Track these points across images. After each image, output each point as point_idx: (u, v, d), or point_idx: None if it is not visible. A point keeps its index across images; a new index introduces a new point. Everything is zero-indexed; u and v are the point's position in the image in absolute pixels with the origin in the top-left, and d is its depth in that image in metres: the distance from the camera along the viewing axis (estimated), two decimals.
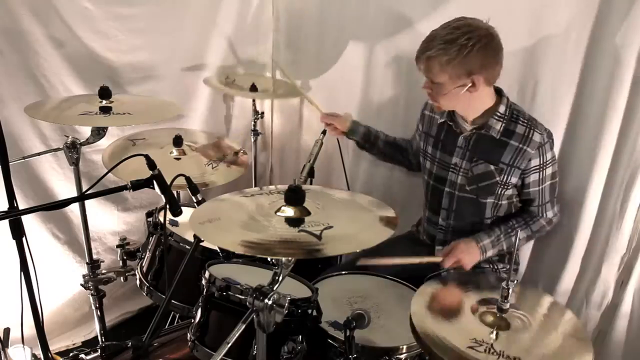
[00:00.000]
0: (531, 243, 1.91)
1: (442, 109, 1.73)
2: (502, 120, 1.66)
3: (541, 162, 1.66)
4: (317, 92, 2.63)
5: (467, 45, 1.52)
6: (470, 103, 1.65)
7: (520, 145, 1.64)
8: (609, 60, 1.63)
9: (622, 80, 1.59)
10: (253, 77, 2.70)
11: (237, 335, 1.06)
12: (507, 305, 1.23)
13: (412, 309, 1.25)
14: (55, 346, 2.27)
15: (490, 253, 1.71)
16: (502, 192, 1.71)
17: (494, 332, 1.20)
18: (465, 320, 1.24)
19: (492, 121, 1.66)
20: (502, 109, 1.66)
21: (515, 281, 1.23)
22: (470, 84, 1.57)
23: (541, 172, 1.67)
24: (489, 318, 1.24)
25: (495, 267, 1.82)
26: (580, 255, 1.79)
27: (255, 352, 1.17)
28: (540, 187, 1.69)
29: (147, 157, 1.36)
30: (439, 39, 1.54)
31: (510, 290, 1.21)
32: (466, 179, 1.73)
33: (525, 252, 1.95)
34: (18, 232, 1.25)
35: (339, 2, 2.38)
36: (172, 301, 1.62)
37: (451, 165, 1.76)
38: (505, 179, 1.68)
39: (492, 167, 1.68)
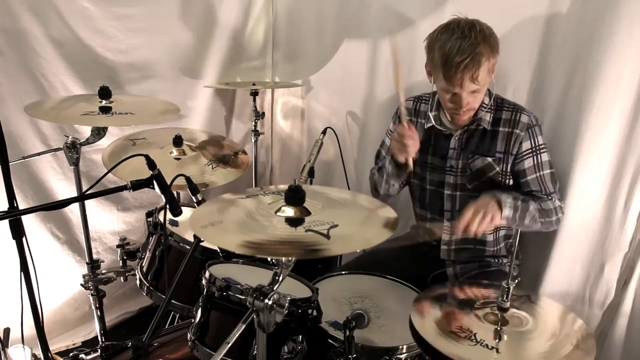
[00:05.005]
0: (534, 240, 1.90)
1: (467, 116, 1.64)
2: (489, 110, 1.66)
3: (533, 145, 1.64)
4: (318, 91, 2.64)
5: (491, 31, 1.52)
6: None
7: (509, 130, 1.64)
8: (612, 60, 1.62)
9: (627, 79, 1.59)
10: (253, 77, 2.71)
11: (237, 335, 1.06)
12: (508, 304, 1.23)
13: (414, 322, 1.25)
14: (55, 346, 2.27)
15: (508, 209, 1.55)
16: (504, 181, 1.69)
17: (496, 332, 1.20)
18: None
19: (480, 113, 1.66)
20: (487, 100, 1.67)
21: (517, 280, 1.23)
22: (492, 69, 1.56)
23: (535, 157, 1.64)
24: (490, 318, 1.24)
25: (501, 261, 1.82)
26: (582, 254, 1.78)
27: (255, 352, 1.17)
28: (539, 174, 1.65)
29: (147, 157, 1.36)
30: (467, 35, 1.47)
31: (511, 289, 1.21)
32: (466, 177, 1.72)
33: (528, 251, 1.94)
34: (18, 232, 1.25)
35: (338, 2, 2.38)
36: (172, 301, 1.62)
37: (447, 167, 1.75)
38: (504, 167, 1.67)
39: (489, 159, 1.67)
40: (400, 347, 1.40)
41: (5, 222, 1.22)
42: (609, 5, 1.60)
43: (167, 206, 1.38)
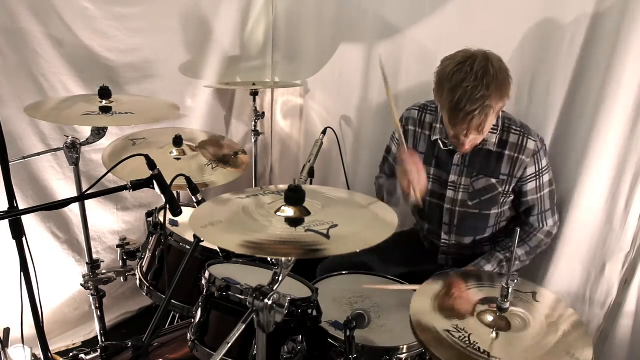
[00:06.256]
0: None
1: (469, 148, 1.63)
2: (495, 132, 1.65)
3: (537, 170, 1.65)
4: (315, 91, 2.64)
5: (505, 75, 1.47)
6: None
7: (515, 155, 1.64)
8: (614, 63, 1.62)
9: (628, 81, 1.59)
10: (253, 77, 2.71)
11: (237, 335, 1.06)
12: (507, 305, 1.23)
13: (414, 307, 1.25)
14: (55, 346, 2.27)
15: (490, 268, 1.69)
16: (505, 200, 1.71)
17: (494, 333, 1.20)
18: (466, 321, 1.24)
19: (487, 135, 1.63)
20: (493, 121, 1.63)
21: (516, 281, 1.23)
22: (500, 110, 1.54)
23: (538, 180, 1.67)
24: (489, 318, 1.24)
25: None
26: (584, 253, 1.78)
27: (255, 352, 1.17)
28: (539, 195, 1.68)
29: (147, 157, 1.36)
30: (479, 84, 1.42)
31: (511, 290, 1.21)
32: (468, 194, 1.72)
33: None
34: (18, 232, 1.24)
35: (337, 4, 2.38)
36: (172, 301, 1.62)
37: (449, 182, 1.74)
38: (506, 188, 1.68)
39: (493, 180, 1.68)
40: (401, 347, 1.41)
41: (5, 222, 1.22)
42: (611, 9, 1.60)
43: (167, 206, 1.38)
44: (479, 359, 1.11)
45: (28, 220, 1.33)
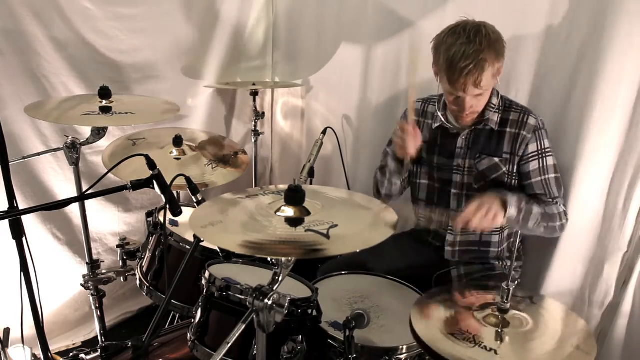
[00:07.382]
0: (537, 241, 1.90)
1: (471, 118, 1.66)
2: (498, 111, 1.67)
3: (539, 148, 1.64)
4: (316, 91, 2.64)
5: (498, 36, 1.52)
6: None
7: (516, 131, 1.64)
8: (613, 61, 1.62)
9: (627, 79, 1.59)
10: (253, 77, 2.71)
11: (237, 335, 1.06)
12: (508, 306, 1.23)
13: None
14: (55, 346, 2.27)
15: (512, 209, 1.57)
16: (512, 181, 1.69)
17: (497, 334, 1.20)
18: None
19: (488, 114, 1.66)
20: (495, 100, 1.67)
21: (517, 282, 1.23)
22: (498, 72, 1.56)
23: (541, 160, 1.65)
24: (491, 320, 1.24)
25: (505, 264, 1.82)
26: (582, 254, 1.78)
27: (255, 352, 1.17)
28: (544, 178, 1.65)
29: (147, 157, 1.36)
30: (472, 41, 1.47)
31: (511, 291, 1.21)
32: (472, 177, 1.72)
33: (529, 251, 1.94)
34: (18, 232, 1.25)
35: (337, 4, 2.38)
36: (172, 301, 1.62)
37: (454, 167, 1.75)
38: (510, 168, 1.67)
39: (496, 159, 1.68)
40: (400, 347, 1.40)
41: (5, 222, 1.22)
42: (609, 5, 1.60)
43: (167, 206, 1.38)
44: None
45: (29, 221, 1.33)
